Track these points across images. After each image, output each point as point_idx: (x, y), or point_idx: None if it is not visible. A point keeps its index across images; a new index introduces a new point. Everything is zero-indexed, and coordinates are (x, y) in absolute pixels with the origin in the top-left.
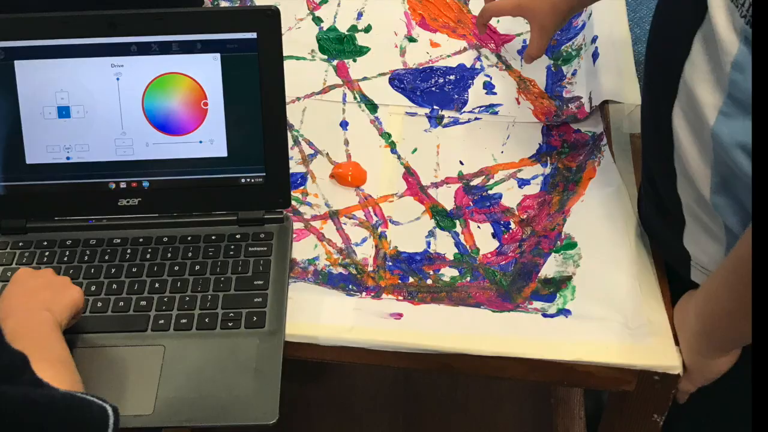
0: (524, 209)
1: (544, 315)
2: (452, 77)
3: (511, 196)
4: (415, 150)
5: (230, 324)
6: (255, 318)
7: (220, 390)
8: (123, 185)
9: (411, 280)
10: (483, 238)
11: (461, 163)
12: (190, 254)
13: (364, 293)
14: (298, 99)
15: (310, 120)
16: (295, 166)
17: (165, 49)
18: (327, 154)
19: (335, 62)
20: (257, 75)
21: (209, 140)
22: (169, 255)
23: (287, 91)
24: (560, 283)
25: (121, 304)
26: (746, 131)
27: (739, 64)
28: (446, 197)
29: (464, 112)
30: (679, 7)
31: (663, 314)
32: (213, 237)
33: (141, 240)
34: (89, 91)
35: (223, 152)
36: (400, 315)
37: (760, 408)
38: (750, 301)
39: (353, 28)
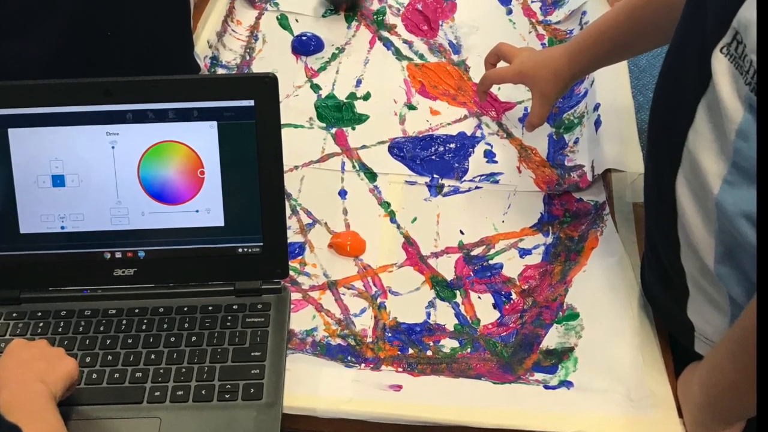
0: (525, 279)
1: (546, 387)
2: (452, 145)
3: (512, 266)
4: (415, 219)
5: (227, 396)
6: (252, 390)
7: None
8: (118, 255)
9: (411, 351)
10: (484, 308)
11: (461, 232)
12: (186, 325)
13: (363, 365)
14: (296, 167)
15: (308, 189)
16: (293, 236)
17: (161, 116)
18: (325, 223)
19: (334, 130)
20: (255, 143)
21: (206, 209)
22: (165, 326)
23: (285, 160)
24: (562, 354)
25: (117, 375)
26: (751, 200)
27: (743, 132)
28: (446, 267)
29: (465, 180)
30: (683, 74)
31: (666, 386)
32: (210, 308)
33: (137, 311)
34: (84, 160)
35: (220, 222)
36: (400, 387)
37: None
38: (755, 373)
39: (352, 96)
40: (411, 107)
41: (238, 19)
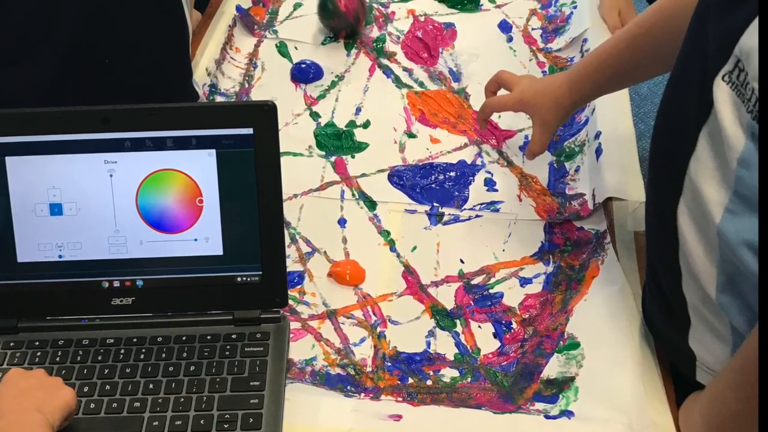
0: (526, 308)
1: (547, 416)
2: (453, 174)
3: (512, 295)
4: (415, 248)
5: (226, 426)
6: (251, 420)
7: None
8: (116, 284)
9: (410, 380)
10: (484, 338)
11: (462, 261)
12: (185, 354)
13: (362, 394)
14: (296, 196)
15: (307, 217)
16: (292, 265)
17: (159, 145)
18: (325, 252)
19: (333, 158)
20: (254, 171)
21: (204, 238)
22: (163, 355)
23: (284, 188)
24: (563, 383)
25: (115, 405)
26: (753, 229)
27: (745, 160)
28: (446, 296)
29: (465, 209)
30: (685, 102)
31: (668, 415)
32: (208, 337)
33: (135, 340)
34: (82, 188)
35: (218, 250)
36: (400, 417)
37: None
38: (757, 402)
39: (351, 124)
40: (411, 135)
41: (236, 47)
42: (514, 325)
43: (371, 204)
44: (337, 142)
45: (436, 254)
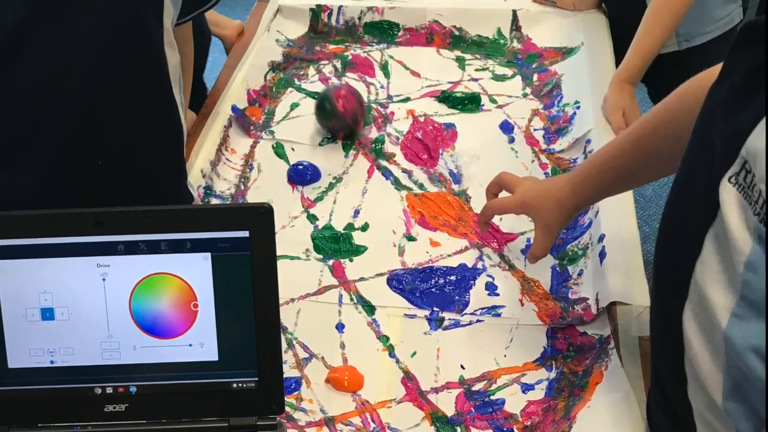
0: (528, 415)
1: None
2: (453, 278)
3: (514, 401)
4: (414, 353)
5: None
6: None
7: None
8: (109, 390)
9: None
10: None
11: (462, 367)
12: None
13: None
14: (293, 300)
15: (304, 322)
16: (289, 371)
17: (153, 248)
18: (322, 357)
19: (331, 262)
20: (249, 275)
21: (199, 343)
22: None
23: (281, 292)
24: None
25: None
26: (760, 334)
27: (752, 264)
28: (447, 403)
29: (465, 314)
30: (690, 204)
31: None
32: None
33: None
34: (74, 293)
35: (213, 356)
36: None
37: None
38: None
39: (350, 227)
40: (410, 238)
41: (232, 148)
42: None
43: (370, 308)
44: (334, 245)
45: (436, 360)
